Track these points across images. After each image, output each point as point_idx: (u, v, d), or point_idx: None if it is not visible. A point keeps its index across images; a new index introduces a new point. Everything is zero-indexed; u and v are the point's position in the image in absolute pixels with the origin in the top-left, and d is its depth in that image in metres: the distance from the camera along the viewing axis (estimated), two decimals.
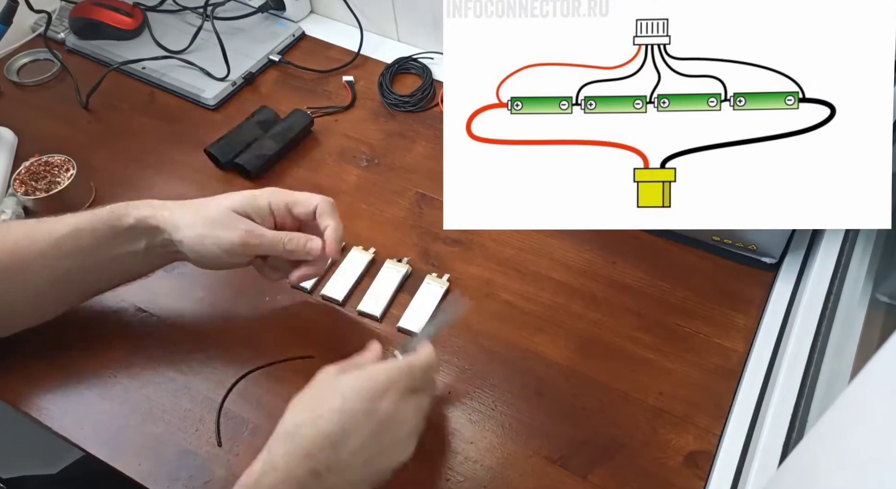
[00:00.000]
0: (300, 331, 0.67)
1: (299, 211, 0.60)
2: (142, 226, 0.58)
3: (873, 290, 0.63)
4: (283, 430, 0.48)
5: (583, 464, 0.59)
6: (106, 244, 0.58)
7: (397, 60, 0.92)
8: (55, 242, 0.57)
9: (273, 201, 0.60)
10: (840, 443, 0.34)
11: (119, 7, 0.94)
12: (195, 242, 0.58)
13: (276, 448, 0.47)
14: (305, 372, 0.53)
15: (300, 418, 0.48)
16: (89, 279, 0.61)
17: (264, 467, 0.46)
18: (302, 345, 0.66)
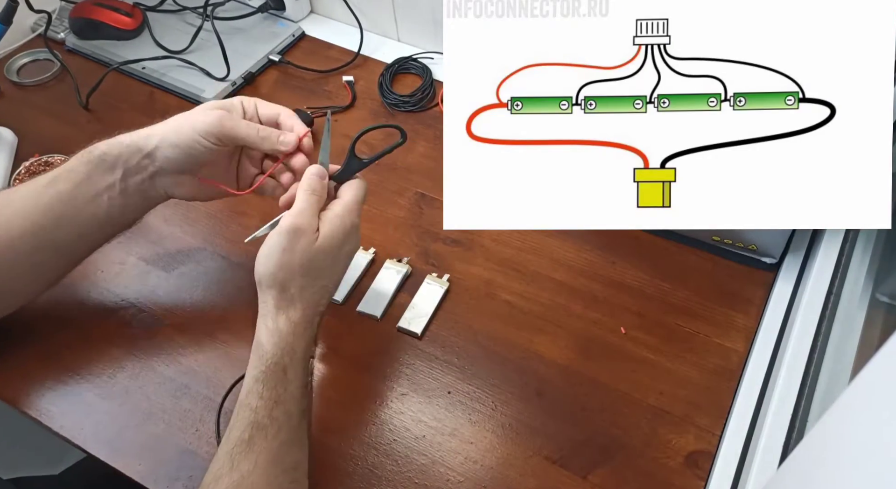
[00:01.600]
0: None
1: (264, 111, 0.61)
2: (114, 150, 0.58)
3: (873, 290, 0.63)
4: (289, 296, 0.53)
5: (583, 464, 0.59)
6: (83, 184, 0.57)
7: (397, 60, 0.92)
8: (35, 197, 0.57)
9: (244, 100, 0.60)
10: (840, 443, 0.34)
11: (119, 7, 0.94)
12: (174, 136, 0.57)
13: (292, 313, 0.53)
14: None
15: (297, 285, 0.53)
16: (73, 235, 0.59)
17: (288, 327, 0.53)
18: None
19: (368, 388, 0.64)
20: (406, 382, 0.64)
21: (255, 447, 0.49)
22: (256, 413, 0.50)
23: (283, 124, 0.61)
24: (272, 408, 0.50)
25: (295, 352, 0.52)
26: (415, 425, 0.61)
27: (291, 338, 0.52)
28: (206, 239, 0.75)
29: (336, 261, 0.56)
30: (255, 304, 0.69)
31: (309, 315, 0.54)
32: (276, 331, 0.52)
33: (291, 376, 0.52)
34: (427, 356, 0.66)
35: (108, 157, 0.58)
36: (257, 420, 0.50)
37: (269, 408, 0.50)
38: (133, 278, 0.71)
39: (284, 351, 0.52)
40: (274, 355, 0.52)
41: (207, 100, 0.87)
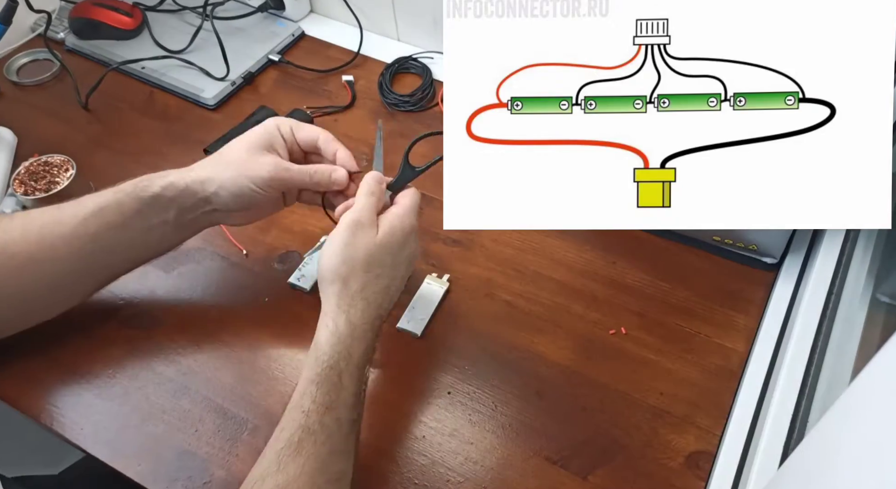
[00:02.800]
0: (299, 332, 0.67)
1: (302, 136, 0.61)
2: (169, 193, 0.58)
3: (874, 290, 0.63)
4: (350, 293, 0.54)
5: (583, 464, 0.59)
6: (134, 219, 0.58)
7: (397, 60, 0.92)
8: (81, 224, 0.57)
9: (280, 125, 0.61)
10: (841, 444, 0.34)
11: (119, 7, 0.94)
12: (231, 186, 0.58)
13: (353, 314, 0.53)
14: None
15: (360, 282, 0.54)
16: (115, 260, 0.61)
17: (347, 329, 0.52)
18: (301, 344, 0.66)
19: (368, 389, 0.64)
20: (406, 382, 0.64)
21: (304, 452, 0.48)
22: (308, 417, 0.49)
23: (325, 150, 0.62)
24: (323, 414, 0.49)
25: (351, 357, 0.51)
26: (414, 426, 0.61)
27: (350, 341, 0.52)
28: (206, 239, 0.75)
29: (397, 261, 0.56)
30: (254, 304, 0.70)
31: (370, 317, 0.54)
32: (335, 332, 0.52)
33: (346, 382, 0.51)
34: (427, 356, 0.66)
35: (163, 199, 0.58)
36: (308, 424, 0.49)
37: (320, 413, 0.49)
38: (133, 278, 0.71)
39: (341, 354, 0.51)
40: (331, 358, 0.51)
41: (207, 99, 0.88)
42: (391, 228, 0.55)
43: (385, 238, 0.54)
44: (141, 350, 0.66)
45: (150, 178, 0.58)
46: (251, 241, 0.74)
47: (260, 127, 0.61)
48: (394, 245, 0.55)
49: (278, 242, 0.74)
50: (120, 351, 0.66)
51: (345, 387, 0.51)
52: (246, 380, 0.64)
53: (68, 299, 0.62)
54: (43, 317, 0.62)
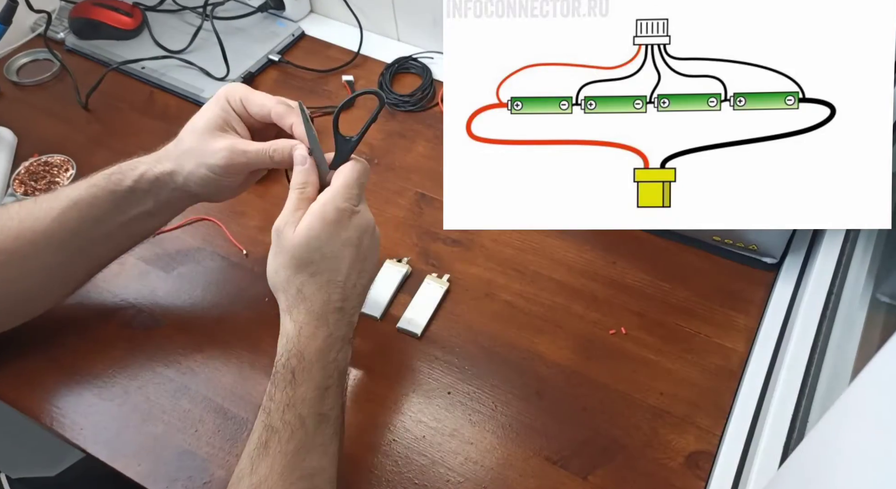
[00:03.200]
0: None
1: (254, 111, 0.58)
2: (142, 185, 0.57)
3: (874, 290, 0.63)
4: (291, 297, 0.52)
5: (583, 464, 0.59)
6: (111, 212, 0.57)
7: (397, 60, 0.92)
8: (58, 218, 0.56)
9: (230, 98, 0.58)
10: (841, 444, 0.34)
11: (119, 7, 0.94)
12: (194, 176, 0.57)
13: (296, 315, 0.52)
14: None
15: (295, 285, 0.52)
16: (97, 251, 0.60)
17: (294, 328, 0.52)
18: None
19: (368, 389, 0.64)
20: (406, 383, 0.64)
21: (271, 451, 0.49)
22: (270, 416, 0.50)
23: (281, 125, 0.58)
24: (283, 412, 0.50)
25: (303, 355, 0.51)
26: (414, 426, 0.61)
27: (297, 340, 0.51)
28: (205, 239, 0.75)
29: (331, 253, 0.52)
30: (254, 304, 0.70)
31: (317, 313, 0.52)
32: (283, 333, 0.52)
33: (301, 379, 0.51)
34: (427, 356, 0.66)
35: (138, 192, 0.58)
36: (271, 423, 0.50)
37: (280, 411, 0.50)
38: (133, 278, 0.71)
39: (291, 353, 0.51)
40: (281, 356, 0.51)
41: (207, 100, 0.87)
42: (309, 222, 0.51)
43: (301, 234, 0.51)
44: (141, 350, 0.66)
45: (122, 170, 0.57)
46: (251, 241, 0.74)
47: (212, 102, 0.58)
48: (315, 238, 0.51)
49: None
50: (120, 351, 0.66)
51: (301, 384, 0.50)
52: (246, 380, 0.64)
53: (55, 293, 0.62)
54: (31, 313, 0.61)
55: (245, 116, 0.59)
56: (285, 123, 0.58)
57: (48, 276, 0.59)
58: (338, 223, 0.52)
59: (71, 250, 0.58)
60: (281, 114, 0.57)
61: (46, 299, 0.62)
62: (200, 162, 0.57)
